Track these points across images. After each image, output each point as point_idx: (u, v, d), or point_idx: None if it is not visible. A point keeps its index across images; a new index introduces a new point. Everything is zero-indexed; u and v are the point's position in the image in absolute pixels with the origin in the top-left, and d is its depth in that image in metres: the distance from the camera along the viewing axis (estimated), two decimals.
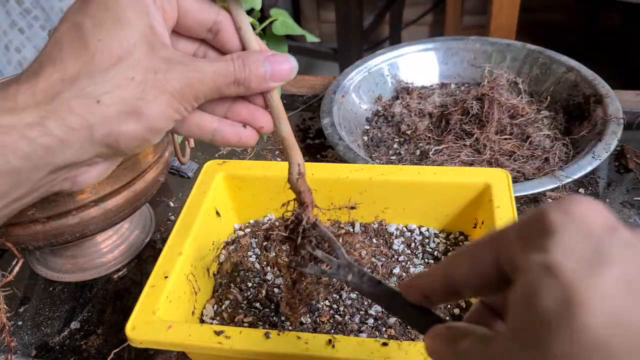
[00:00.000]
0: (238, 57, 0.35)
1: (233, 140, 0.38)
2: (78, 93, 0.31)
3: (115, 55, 0.31)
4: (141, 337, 0.43)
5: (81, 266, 0.65)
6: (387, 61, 0.88)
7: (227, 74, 0.35)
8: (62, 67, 0.31)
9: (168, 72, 0.33)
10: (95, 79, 0.31)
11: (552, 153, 0.71)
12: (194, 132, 0.38)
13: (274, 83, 0.36)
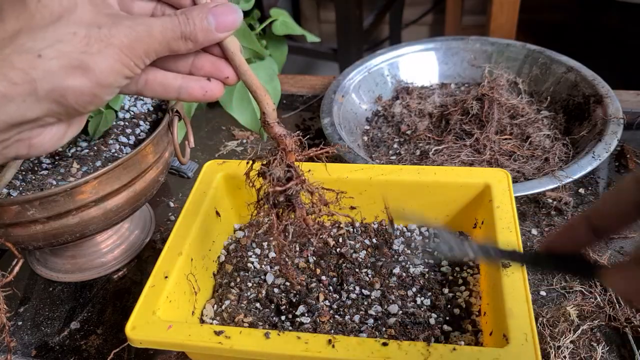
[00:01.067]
0: (182, 12, 0.35)
1: (199, 94, 0.38)
2: (18, 49, 0.31)
3: (55, 14, 0.31)
4: (141, 337, 0.43)
5: (81, 266, 0.65)
6: (387, 61, 0.88)
7: (174, 28, 0.34)
8: (2, 26, 0.31)
9: (113, 26, 0.32)
10: (35, 35, 0.31)
11: (552, 153, 0.71)
12: (158, 91, 0.38)
13: (221, 34, 0.36)
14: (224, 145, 0.85)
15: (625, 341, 0.52)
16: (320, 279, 0.53)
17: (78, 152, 0.59)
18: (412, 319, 0.49)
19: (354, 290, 0.52)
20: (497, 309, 0.45)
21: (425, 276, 0.54)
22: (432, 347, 0.40)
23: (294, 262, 0.55)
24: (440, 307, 0.50)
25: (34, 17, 0.31)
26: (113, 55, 0.32)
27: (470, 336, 0.48)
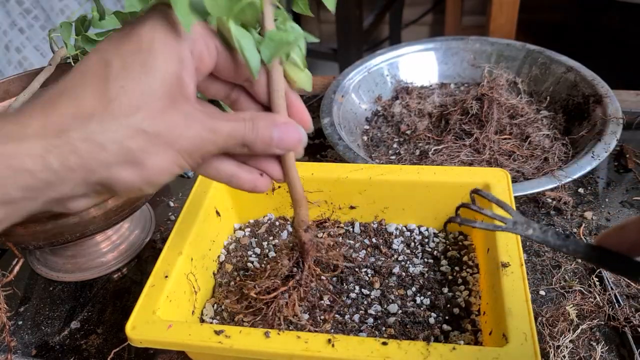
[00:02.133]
0: (250, 117, 0.35)
1: (248, 186, 0.39)
2: (86, 135, 0.30)
3: (133, 105, 0.31)
4: (141, 337, 0.43)
5: (81, 266, 0.65)
6: (387, 61, 0.88)
7: (238, 135, 0.35)
8: (79, 103, 0.31)
9: (185, 129, 0.33)
10: (106, 125, 0.31)
11: (552, 153, 0.71)
12: (211, 174, 0.38)
13: (279, 150, 0.37)
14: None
15: (625, 341, 0.52)
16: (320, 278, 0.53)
17: None
18: (412, 319, 0.49)
19: (354, 289, 0.52)
20: (496, 309, 0.45)
21: (424, 276, 0.54)
22: (432, 347, 0.40)
23: None
24: (440, 307, 0.51)
25: (111, 102, 0.31)
26: (171, 157, 0.33)
27: (469, 336, 0.48)
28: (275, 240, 0.59)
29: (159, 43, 0.32)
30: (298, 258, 0.46)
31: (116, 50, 0.32)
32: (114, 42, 0.32)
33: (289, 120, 0.38)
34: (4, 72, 1.11)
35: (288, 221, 0.61)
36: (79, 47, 0.66)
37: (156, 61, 0.31)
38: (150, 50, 0.31)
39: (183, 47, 0.33)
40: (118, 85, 0.31)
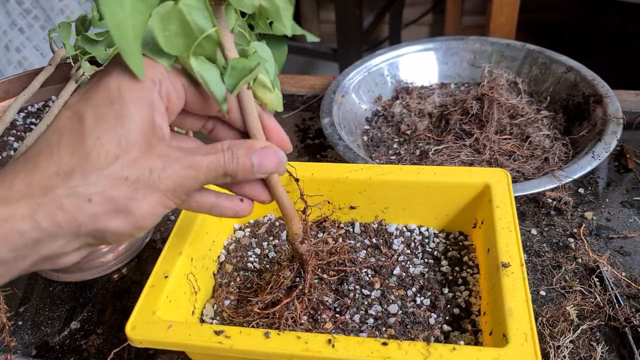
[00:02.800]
0: (228, 147, 0.36)
1: (230, 213, 0.40)
2: (70, 191, 0.31)
3: (111, 154, 0.32)
4: (141, 337, 0.43)
5: (81, 266, 0.65)
6: (387, 61, 0.88)
7: (218, 167, 0.36)
8: (59, 159, 0.31)
9: (163, 170, 0.33)
10: (88, 178, 0.31)
11: (552, 153, 0.71)
12: (193, 207, 0.39)
13: (261, 175, 0.38)
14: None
15: (625, 341, 0.52)
16: (321, 277, 0.53)
17: None
18: (412, 319, 0.49)
19: (354, 290, 0.52)
20: (496, 309, 0.45)
21: (425, 276, 0.54)
22: (432, 347, 0.40)
23: None
24: (440, 307, 0.50)
25: (89, 155, 0.31)
26: (156, 199, 0.33)
27: (470, 336, 0.48)
28: (275, 240, 0.59)
29: (127, 91, 0.33)
30: (299, 268, 0.47)
31: (87, 104, 0.32)
32: (84, 95, 0.33)
33: (267, 144, 0.38)
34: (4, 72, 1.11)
35: None
36: (79, 47, 0.66)
37: (128, 110, 0.32)
38: (120, 99, 0.32)
39: (151, 91, 0.33)
40: (94, 137, 0.32)
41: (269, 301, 0.48)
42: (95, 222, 0.32)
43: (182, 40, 0.33)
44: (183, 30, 0.33)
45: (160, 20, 0.32)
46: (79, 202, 0.31)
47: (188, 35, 0.33)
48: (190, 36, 0.33)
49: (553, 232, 0.65)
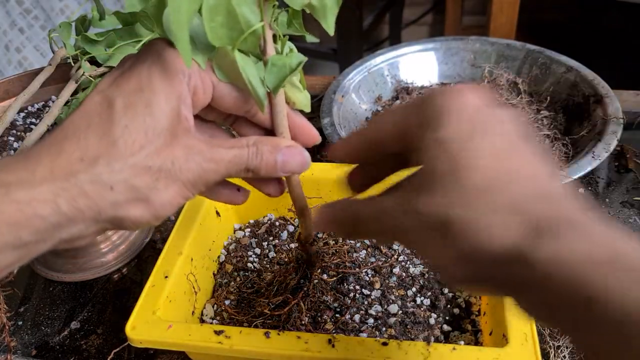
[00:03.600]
0: (254, 143, 0.36)
1: (224, 200, 0.41)
2: (94, 178, 0.31)
3: (137, 144, 0.32)
4: (141, 337, 0.43)
5: (81, 266, 0.65)
6: (387, 61, 0.88)
7: (241, 161, 0.35)
8: (85, 145, 0.31)
9: (185, 162, 0.33)
10: (112, 166, 0.31)
11: (552, 153, 0.71)
12: (207, 196, 0.40)
13: (283, 173, 0.38)
14: None
15: None
16: (321, 277, 0.53)
17: None
18: (412, 319, 0.49)
19: (354, 289, 0.52)
20: (496, 309, 0.45)
21: (425, 276, 0.54)
22: (432, 347, 0.40)
23: None
24: (440, 307, 0.50)
25: (115, 143, 0.31)
26: (176, 190, 0.33)
27: (470, 336, 0.48)
28: (275, 240, 0.59)
29: (158, 80, 0.33)
30: (305, 270, 0.47)
31: (119, 89, 0.33)
32: (116, 80, 0.33)
33: (292, 143, 0.38)
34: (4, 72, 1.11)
35: (288, 222, 0.61)
36: (79, 47, 0.66)
37: (158, 100, 0.32)
38: (151, 88, 0.32)
39: (180, 82, 0.33)
40: (122, 125, 0.32)
41: (279, 302, 0.48)
42: (115, 210, 0.32)
43: (227, 32, 0.33)
44: (229, 22, 0.33)
45: (209, 10, 0.32)
46: (102, 189, 0.31)
47: (233, 27, 0.33)
48: (234, 28, 0.33)
49: None
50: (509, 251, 0.27)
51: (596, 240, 0.26)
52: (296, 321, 0.46)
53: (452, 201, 0.28)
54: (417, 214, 0.29)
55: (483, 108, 0.30)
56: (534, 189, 0.28)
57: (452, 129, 0.29)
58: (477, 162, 0.28)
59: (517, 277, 0.27)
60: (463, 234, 0.28)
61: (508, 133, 0.29)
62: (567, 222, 0.26)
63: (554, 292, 0.25)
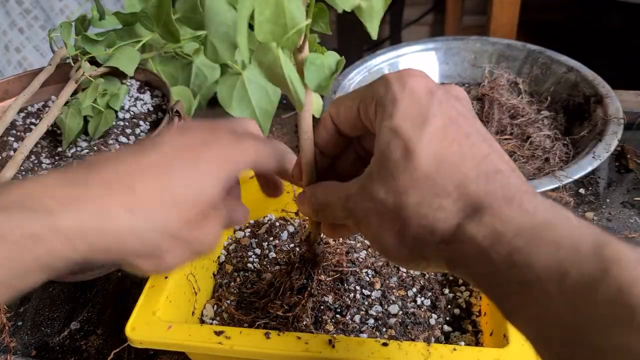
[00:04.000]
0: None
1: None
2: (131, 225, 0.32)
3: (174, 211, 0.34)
4: (141, 338, 0.43)
5: (81, 267, 0.64)
6: (388, 61, 0.88)
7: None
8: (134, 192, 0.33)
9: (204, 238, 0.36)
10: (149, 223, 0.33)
11: (553, 153, 0.70)
12: None
13: None
14: None
15: None
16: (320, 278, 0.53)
17: (78, 152, 0.59)
18: (413, 319, 0.49)
19: (355, 290, 0.52)
20: (497, 309, 0.45)
21: (425, 276, 0.54)
22: (433, 348, 0.40)
23: None
24: (441, 308, 0.50)
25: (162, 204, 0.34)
26: (185, 256, 0.36)
27: (470, 336, 0.48)
28: (275, 240, 0.59)
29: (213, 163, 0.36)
30: (309, 270, 0.47)
31: (178, 154, 0.35)
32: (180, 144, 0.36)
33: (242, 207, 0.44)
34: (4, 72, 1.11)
35: (288, 222, 0.61)
36: (79, 47, 0.66)
37: (203, 183, 0.35)
38: (202, 169, 0.35)
39: (234, 169, 0.37)
40: (172, 191, 0.34)
41: (292, 303, 0.48)
42: (133, 258, 0.34)
43: (272, 27, 0.32)
44: (275, 17, 0.32)
45: (259, 4, 0.32)
46: (135, 239, 0.33)
47: (278, 22, 0.32)
48: (279, 24, 0.32)
49: None
50: (452, 231, 0.29)
51: (525, 213, 0.27)
52: (299, 321, 0.46)
53: (402, 187, 0.29)
54: (373, 200, 0.31)
55: (431, 92, 0.31)
56: (477, 169, 0.29)
57: (403, 115, 0.30)
58: (425, 149, 0.29)
59: (458, 253, 0.29)
60: (412, 218, 0.29)
61: (456, 115, 0.31)
62: (503, 199, 0.28)
63: (489, 263, 0.27)
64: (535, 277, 0.25)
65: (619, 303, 0.22)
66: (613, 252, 0.23)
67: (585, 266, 0.23)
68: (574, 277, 0.23)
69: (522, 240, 0.26)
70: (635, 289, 0.22)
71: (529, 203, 0.28)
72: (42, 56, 1.16)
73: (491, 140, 0.31)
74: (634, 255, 0.23)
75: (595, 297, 0.22)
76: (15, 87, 0.68)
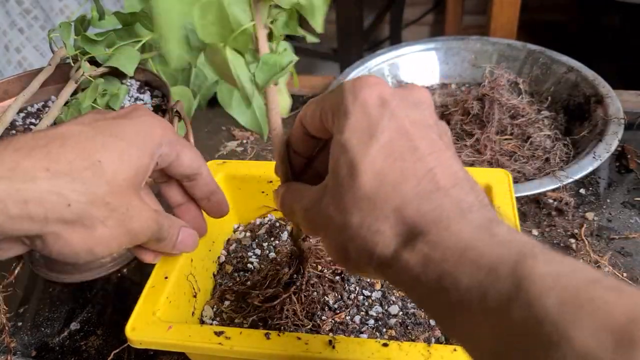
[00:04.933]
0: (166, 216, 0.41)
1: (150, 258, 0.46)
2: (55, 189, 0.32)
3: (103, 179, 0.34)
4: (141, 338, 0.43)
5: (81, 267, 0.64)
6: (388, 61, 0.88)
7: (152, 234, 0.39)
8: (56, 158, 0.32)
9: (138, 213, 0.37)
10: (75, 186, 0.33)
11: (553, 153, 0.70)
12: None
13: (177, 251, 0.44)
14: (224, 146, 0.85)
15: None
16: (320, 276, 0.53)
17: None
18: (413, 320, 0.49)
19: (355, 290, 0.52)
20: None
21: None
22: (433, 348, 0.40)
23: None
24: None
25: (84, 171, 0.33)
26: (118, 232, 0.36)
27: None
28: (275, 241, 0.59)
29: (138, 137, 0.36)
30: (298, 265, 0.47)
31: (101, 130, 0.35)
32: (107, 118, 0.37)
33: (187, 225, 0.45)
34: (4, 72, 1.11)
35: (288, 222, 0.61)
36: (79, 47, 0.66)
37: (131, 152, 0.35)
38: (129, 141, 0.36)
39: (156, 146, 0.37)
40: (95, 159, 0.34)
41: (270, 295, 0.48)
42: (61, 226, 0.33)
43: (218, 29, 0.34)
44: (220, 21, 0.34)
45: (201, 9, 0.33)
46: (59, 201, 0.32)
47: (224, 25, 0.34)
48: (225, 27, 0.34)
49: (554, 232, 0.65)
50: (388, 257, 0.28)
51: (452, 235, 0.27)
52: (290, 316, 0.46)
53: (347, 206, 0.29)
54: (324, 215, 0.31)
55: (384, 103, 0.29)
56: (417, 188, 0.28)
57: (352, 129, 0.29)
58: (370, 166, 0.28)
59: (395, 277, 0.29)
60: (354, 238, 0.29)
61: (407, 127, 0.29)
62: (433, 222, 0.27)
63: (421, 287, 0.27)
64: (460, 299, 0.25)
65: (531, 319, 0.21)
66: (527, 268, 0.23)
67: (502, 285, 0.23)
68: (493, 296, 0.23)
69: (448, 264, 0.26)
70: (542, 301, 0.21)
71: (456, 225, 0.27)
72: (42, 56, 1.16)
73: (441, 152, 0.29)
74: (545, 267, 0.23)
75: (511, 315, 0.22)
76: (15, 87, 0.68)
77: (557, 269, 0.22)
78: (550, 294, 0.21)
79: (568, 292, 0.21)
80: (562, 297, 0.21)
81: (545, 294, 0.21)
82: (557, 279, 0.22)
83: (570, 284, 0.21)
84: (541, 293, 0.21)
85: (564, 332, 0.20)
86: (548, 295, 0.21)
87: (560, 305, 0.21)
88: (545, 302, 0.21)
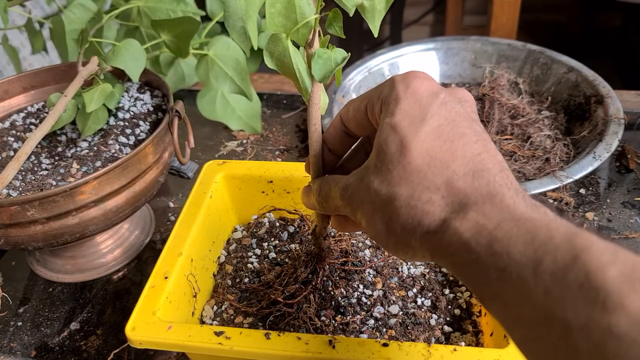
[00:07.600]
0: None
1: None
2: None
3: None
4: (141, 338, 0.43)
5: (81, 267, 0.65)
6: (388, 61, 0.88)
7: None
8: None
9: None
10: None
11: (553, 153, 0.70)
12: None
13: None
14: (224, 146, 0.85)
15: None
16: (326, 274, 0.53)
17: (78, 152, 0.59)
18: (413, 320, 0.49)
19: (358, 289, 0.52)
20: None
21: (425, 277, 0.54)
22: (433, 348, 0.40)
23: None
24: (441, 308, 0.50)
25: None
26: None
27: (470, 337, 0.48)
28: (275, 241, 0.59)
29: None
30: (315, 264, 0.48)
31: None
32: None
33: None
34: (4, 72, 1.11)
35: (288, 222, 0.61)
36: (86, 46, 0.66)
37: None
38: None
39: None
40: None
41: (293, 292, 0.48)
42: None
43: (282, 20, 0.35)
44: (286, 11, 0.35)
45: None
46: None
47: (288, 16, 0.35)
48: (290, 17, 0.35)
49: None
50: (438, 224, 0.30)
51: (506, 208, 0.29)
52: (305, 314, 0.46)
53: (395, 179, 0.31)
54: (368, 189, 0.33)
55: (434, 93, 0.33)
56: (466, 166, 0.31)
57: (403, 113, 0.32)
58: (421, 145, 0.31)
59: (442, 244, 0.30)
60: (402, 208, 0.31)
61: (454, 117, 0.32)
62: (487, 195, 0.30)
63: (470, 252, 0.28)
64: (512, 263, 0.26)
65: (587, 286, 0.23)
66: (583, 241, 0.25)
67: (558, 254, 0.25)
68: (548, 263, 0.25)
69: (501, 231, 0.27)
70: (601, 273, 0.23)
71: (510, 199, 0.29)
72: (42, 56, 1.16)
73: (486, 142, 0.32)
74: (602, 244, 0.25)
75: (566, 280, 0.24)
76: (15, 87, 0.68)
77: (612, 245, 0.25)
78: (612, 267, 0.23)
79: (628, 266, 0.23)
80: (622, 270, 0.23)
81: (606, 266, 0.23)
82: (615, 254, 0.24)
83: (628, 259, 0.24)
84: (602, 265, 0.23)
85: (621, 300, 0.22)
86: (609, 268, 0.23)
87: (621, 276, 0.23)
88: (605, 274, 0.23)
